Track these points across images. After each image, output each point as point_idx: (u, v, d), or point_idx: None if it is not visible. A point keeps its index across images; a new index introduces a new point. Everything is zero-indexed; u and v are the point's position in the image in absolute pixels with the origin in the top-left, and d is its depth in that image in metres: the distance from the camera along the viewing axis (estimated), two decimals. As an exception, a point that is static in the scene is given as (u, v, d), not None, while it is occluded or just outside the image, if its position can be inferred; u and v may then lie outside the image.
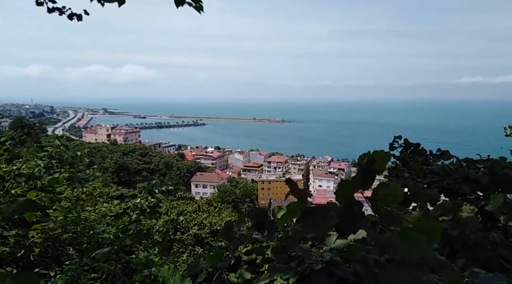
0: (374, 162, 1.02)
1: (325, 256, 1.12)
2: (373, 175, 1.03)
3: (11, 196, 2.93)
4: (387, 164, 1.03)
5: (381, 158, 1.02)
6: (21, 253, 3.23)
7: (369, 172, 1.03)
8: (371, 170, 1.02)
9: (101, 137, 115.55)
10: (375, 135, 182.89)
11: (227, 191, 53.75)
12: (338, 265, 1.06)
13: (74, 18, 4.54)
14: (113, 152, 69.73)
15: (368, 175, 1.03)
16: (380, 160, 1.02)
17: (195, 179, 70.65)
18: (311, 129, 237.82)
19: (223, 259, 1.45)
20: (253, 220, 1.51)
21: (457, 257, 1.47)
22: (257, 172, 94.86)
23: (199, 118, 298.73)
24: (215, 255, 1.45)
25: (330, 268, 1.06)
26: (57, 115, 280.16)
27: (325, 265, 1.07)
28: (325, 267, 1.06)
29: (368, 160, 1.02)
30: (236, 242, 1.51)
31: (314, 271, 1.06)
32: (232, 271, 1.44)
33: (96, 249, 2.97)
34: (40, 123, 71.15)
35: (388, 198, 0.97)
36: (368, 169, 1.02)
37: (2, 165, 3.09)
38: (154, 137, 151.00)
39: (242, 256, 1.51)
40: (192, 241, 19.71)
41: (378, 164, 1.02)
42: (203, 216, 22.63)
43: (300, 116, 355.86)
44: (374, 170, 1.02)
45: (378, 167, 1.02)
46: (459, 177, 3.17)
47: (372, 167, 1.02)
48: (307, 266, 1.08)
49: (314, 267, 1.07)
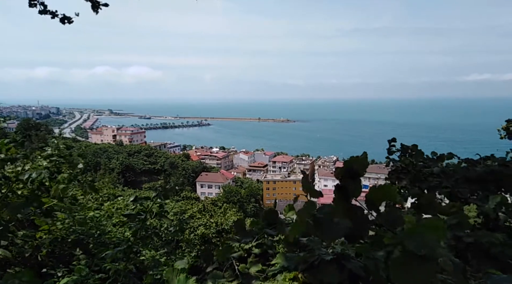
0: (352, 167, 1.03)
1: (336, 248, 1.13)
2: (359, 180, 1.04)
3: (18, 196, 2.96)
4: (366, 167, 1.03)
5: (359, 162, 1.03)
6: (29, 253, 3.27)
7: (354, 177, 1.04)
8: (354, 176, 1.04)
9: (107, 138, 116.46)
10: (381, 134, 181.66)
11: (232, 191, 53.84)
12: (349, 259, 1.06)
13: (66, 22, 4.56)
14: (119, 153, 70.22)
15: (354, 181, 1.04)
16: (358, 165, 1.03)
17: (200, 179, 70.86)
18: (316, 128, 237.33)
19: (233, 251, 1.47)
20: (265, 220, 1.52)
21: (467, 258, 1.46)
22: (262, 172, 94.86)
23: (204, 119, 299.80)
24: (226, 248, 1.46)
25: (341, 260, 1.06)
26: (63, 116, 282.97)
27: (335, 257, 1.08)
28: (335, 259, 1.07)
29: (347, 167, 1.04)
30: (248, 236, 1.52)
31: (324, 261, 1.07)
32: (242, 262, 1.46)
33: (104, 250, 2.98)
34: (47, 125, 71.87)
35: (384, 199, 0.97)
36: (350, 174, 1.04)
37: (7, 166, 3.12)
38: (160, 138, 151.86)
39: (253, 249, 1.53)
40: (198, 241, 19.78)
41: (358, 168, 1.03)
42: (208, 216, 22.68)
43: (305, 115, 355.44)
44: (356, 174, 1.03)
45: (359, 171, 1.03)
46: (460, 178, 3.14)
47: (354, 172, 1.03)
48: (317, 257, 1.09)
49: (324, 258, 1.07)
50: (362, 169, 1.02)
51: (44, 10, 4.28)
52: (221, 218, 22.98)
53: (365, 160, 1.02)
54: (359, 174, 1.02)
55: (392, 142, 3.82)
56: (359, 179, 1.03)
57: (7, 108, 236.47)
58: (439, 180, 3.14)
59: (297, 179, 78.84)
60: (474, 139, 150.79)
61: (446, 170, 3.25)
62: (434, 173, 3.21)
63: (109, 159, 67.32)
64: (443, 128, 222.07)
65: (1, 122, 4.19)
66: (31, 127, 50.60)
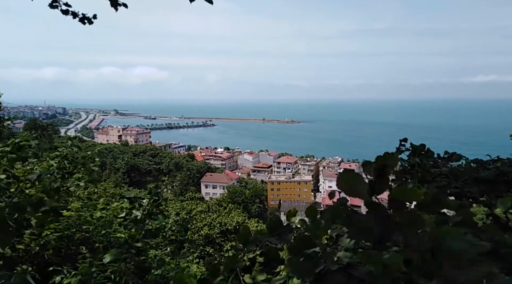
0: (386, 164, 1.02)
1: (342, 256, 1.11)
2: (387, 178, 1.02)
3: (26, 195, 2.98)
4: (396, 164, 1.02)
5: (392, 159, 1.02)
6: (36, 251, 3.30)
7: (383, 175, 1.02)
8: (384, 174, 1.02)
9: (112, 138, 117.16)
10: (386, 135, 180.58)
11: (237, 192, 53.85)
12: (355, 266, 1.04)
13: (86, 22, 4.60)
14: (124, 153, 70.63)
15: (382, 179, 1.02)
16: (391, 162, 1.02)
17: (205, 179, 70.98)
18: (321, 129, 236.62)
19: (239, 261, 1.45)
20: (270, 229, 1.52)
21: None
22: (267, 172, 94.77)
23: (209, 119, 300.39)
24: (233, 258, 1.45)
25: (347, 268, 1.04)
26: (69, 116, 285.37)
27: (342, 266, 1.06)
28: (341, 268, 1.05)
29: (380, 163, 1.02)
30: (252, 244, 1.51)
31: (331, 271, 1.05)
32: (247, 272, 1.44)
33: (110, 248, 3.00)
34: (53, 125, 72.56)
35: (408, 199, 0.96)
36: (381, 172, 1.02)
37: (17, 165, 3.15)
38: (164, 138, 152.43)
39: (257, 258, 1.52)
40: (202, 241, 19.78)
41: (390, 166, 1.02)
42: (213, 216, 22.71)
43: (310, 116, 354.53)
44: (387, 172, 1.02)
45: (390, 169, 1.02)
46: (469, 179, 3.10)
47: (386, 170, 1.02)
48: (323, 266, 1.07)
49: (331, 267, 1.05)
50: (393, 166, 1.00)
51: (67, 10, 4.30)
52: (225, 218, 22.98)
53: (397, 157, 1.01)
54: (389, 171, 1.01)
55: (403, 141, 3.81)
56: (388, 177, 1.01)
57: (14, 108, 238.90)
58: (448, 180, 3.11)
59: (301, 180, 78.68)
60: (481, 142, 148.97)
61: (455, 170, 3.22)
62: (442, 173, 3.18)
63: (114, 159, 67.73)
64: (449, 129, 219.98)
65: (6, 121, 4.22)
66: (37, 127, 51.11)
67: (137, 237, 3.08)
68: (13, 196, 2.53)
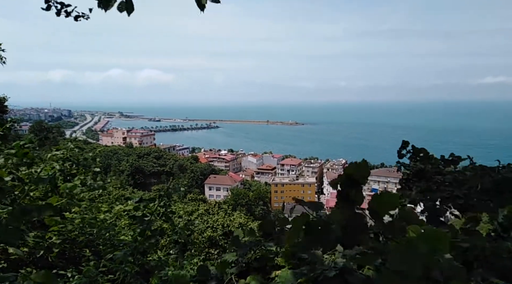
0: (352, 175, 1.02)
1: (338, 262, 1.10)
2: (359, 187, 1.02)
3: (31, 198, 3.02)
4: (367, 176, 1.01)
5: (360, 170, 1.02)
6: (40, 254, 3.32)
7: (353, 185, 1.02)
8: (353, 184, 1.02)
9: (117, 141, 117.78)
10: (391, 137, 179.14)
11: (241, 194, 53.82)
12: (351, 272, 1.04)
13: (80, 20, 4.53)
14: (129, 155, 70.96)
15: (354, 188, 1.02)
16: (359, 173, 1.01)
17: (208, 181, 71.06)
18: (325, 131, 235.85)
19: (233, 266, 1.46)
20: (262, 230, 1.52)
21: (473, 268, 1.42)
22: (271, 174, 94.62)
23: (213, 121, 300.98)
24: (225, 262, 1.46)
25: (344, 274, 1.04)
26: (75, 119, 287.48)
27: (338, 272, 1.06)
28: (338, 274, 1.05)
29: (347, 175, 1.02)
30: (245, 249, 1.51)
31: (327, 277, 1.05)
32: (242, 277, 1.44)
33: (113, 251, 3.02)
34: (58, 127, 73.12)
35: (386, 206, 0.95)
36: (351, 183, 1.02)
37: (21, 168, 3.19)
38: (169, 140, 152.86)
39: (252, 263, 1.52)
40: (206, 243, 19.78)
41: (358, 175, 1.01)
42: (214, 218, 22.73)
43: (314, 118, 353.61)
44: (357, 183, 1.02)
45: (360, 181, 1.02)
46: (473, 187, 3.02)
47: (354, 180, 1.02)
48: (320, 272, 1.07)
49: (327, 274, 1.05)
50: (363, 177, 1.00)
51: (60, 10, 4.27)
52: (227, 219, 22.97)
53: (365, 168, 1.00)
54: (360, 182, 1.00)
55: (405, 145, 3.68)
56: (360, 187, 1.01)
57: (21, 111, 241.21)
58: (451, 189, 3.02)
59: (305, 182, 78.48)
60: (490, 144, 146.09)
61: (458, 178, 3.14)
62: (446, 181, 3.09)
63: (119, 161, 68.08)
64: (457, 132, 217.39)
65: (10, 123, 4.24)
66: (43, 130, 51.55)
67: (142, 239, 3.09)
68: (18, 199, 2.56)
